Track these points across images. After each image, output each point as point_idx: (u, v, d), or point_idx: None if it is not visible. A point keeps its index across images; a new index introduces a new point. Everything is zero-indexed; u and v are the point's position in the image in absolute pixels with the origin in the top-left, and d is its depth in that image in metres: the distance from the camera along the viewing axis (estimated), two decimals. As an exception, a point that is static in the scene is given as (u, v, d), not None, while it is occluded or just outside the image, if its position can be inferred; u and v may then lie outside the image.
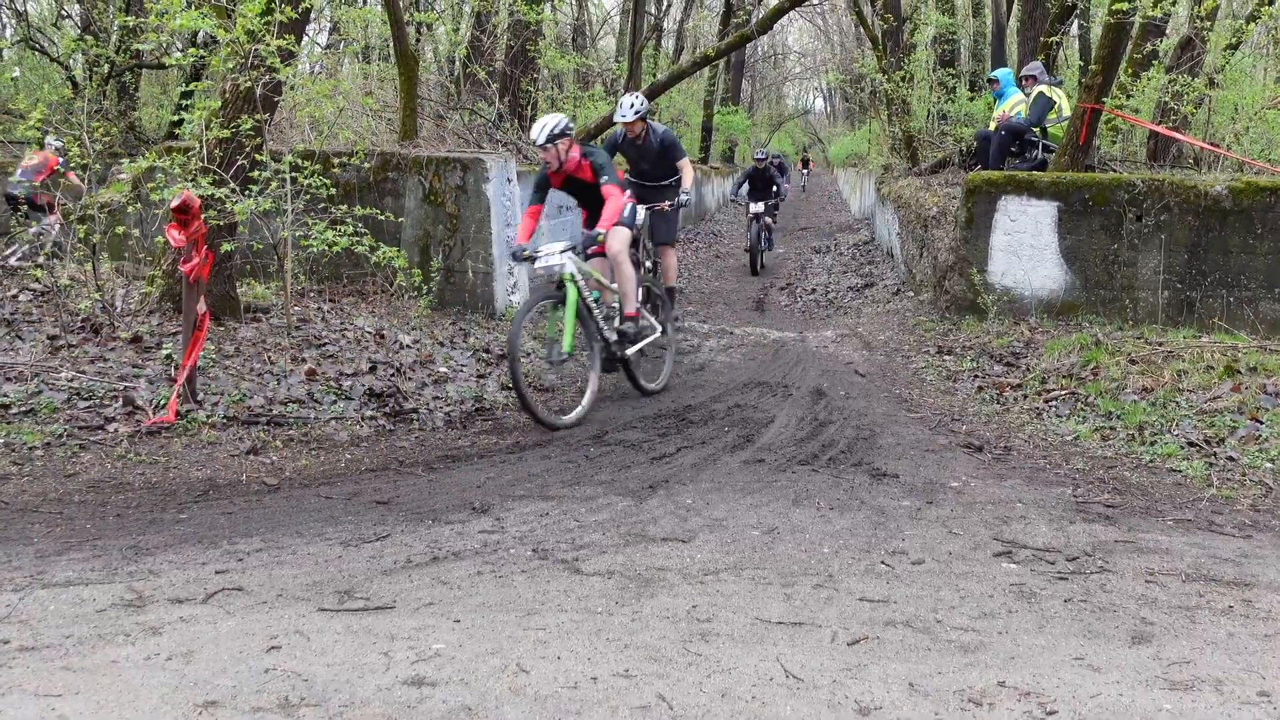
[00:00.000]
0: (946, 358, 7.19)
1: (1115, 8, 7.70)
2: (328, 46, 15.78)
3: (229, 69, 5.93)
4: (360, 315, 7.03)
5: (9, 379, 4.96)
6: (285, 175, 6.10)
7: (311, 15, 7.32)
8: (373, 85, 11.82)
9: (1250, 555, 3.54)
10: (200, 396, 5.08)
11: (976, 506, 4.10)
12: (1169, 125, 9.14)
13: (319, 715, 2.20)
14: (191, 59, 6.98)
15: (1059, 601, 3.05)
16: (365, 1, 18.53)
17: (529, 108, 12.62)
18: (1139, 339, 6.61)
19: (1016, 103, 9.63)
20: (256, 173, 5.97)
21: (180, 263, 5.04)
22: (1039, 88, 9.35)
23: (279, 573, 3.18)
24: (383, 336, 6.58)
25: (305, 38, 7.68)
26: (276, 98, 6.35)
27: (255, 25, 5.70)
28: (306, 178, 6.15)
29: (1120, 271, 7.55)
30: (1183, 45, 10.03)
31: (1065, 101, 9.40)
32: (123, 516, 3.79)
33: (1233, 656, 2.64)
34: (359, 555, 3.38)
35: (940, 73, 15.88)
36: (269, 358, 5.80)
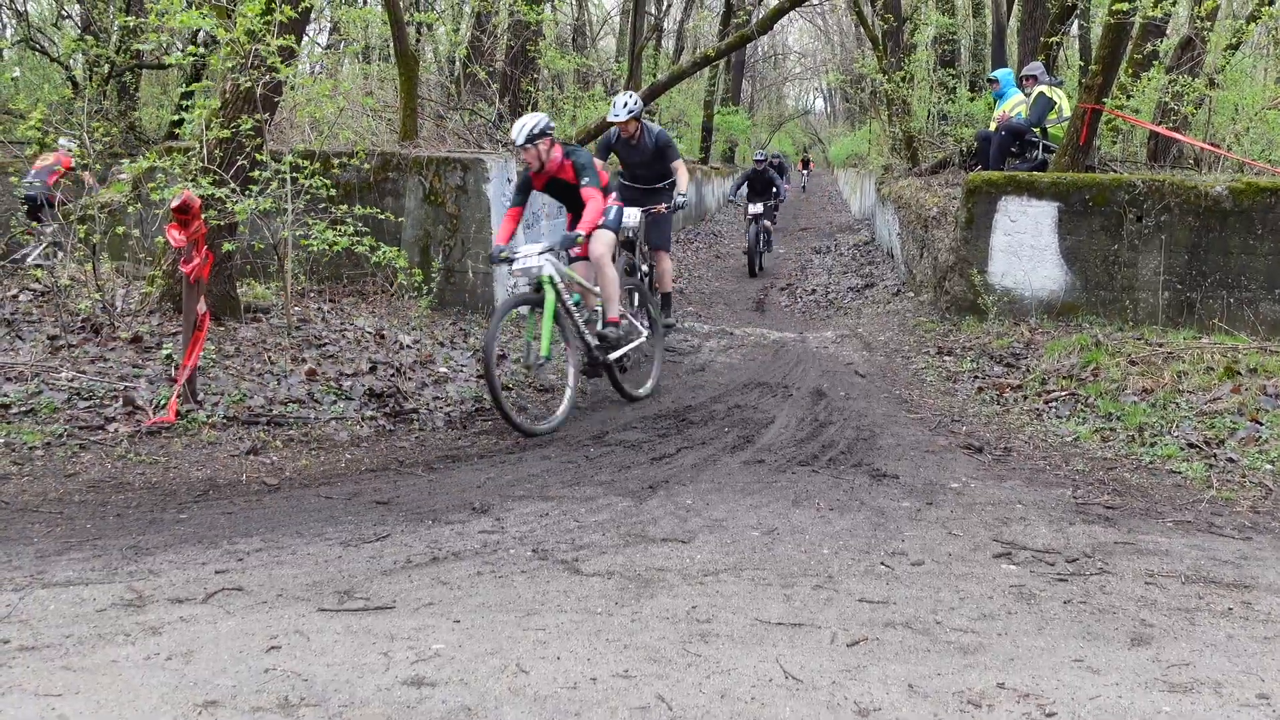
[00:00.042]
0: (946, 358, 7.19)
1: (1115, 8, 7.70)
2: (328, 46, 15.79)
3: (229, 69, 5.94)
4: (360, 315, 7.03)
5: (9, 379, 4.96)
6: (285, 175, 6.10)
7: (312, 15, 7.32)
8: (373, 85, 11.82)
9: (1250, 557, 3.54)
10: (200, 396, 5.09)
11: (976, 508, 4.10)
12: (1169, 126, 9.14)
13: (319, 715, 2.20)
14: (191, 59, 6.99)
15: (1058, 603, 3.05)
16: (365, 2, 18.54)
17: (529, 108, 12.62)
18: (1139, 340, 6.61)
19: (1017, 103, 9.63)
20: (257, 173, 5.97)
21: (180, 263, 5.04)
22: (1039, 88, 9.35)
23: (279, 573, 3.18)
24: (383, 337, 6.58)
25: (305, 38, 7.68)
26: (277, 98, 6.36)
27: (256, 25, 5.71)
28: (307, 178, 6.16)
29: (1120, 272, 7.55)
30: (1183, 45, 10.03)
31: (1065, 102, 9.40)
32: (123, 516, 3.79)
33: (1232, 659, 2.65)
34: (359, 555, 3.38)
35: (940, 73, 15.88)
36: (269, 358, 5.81)
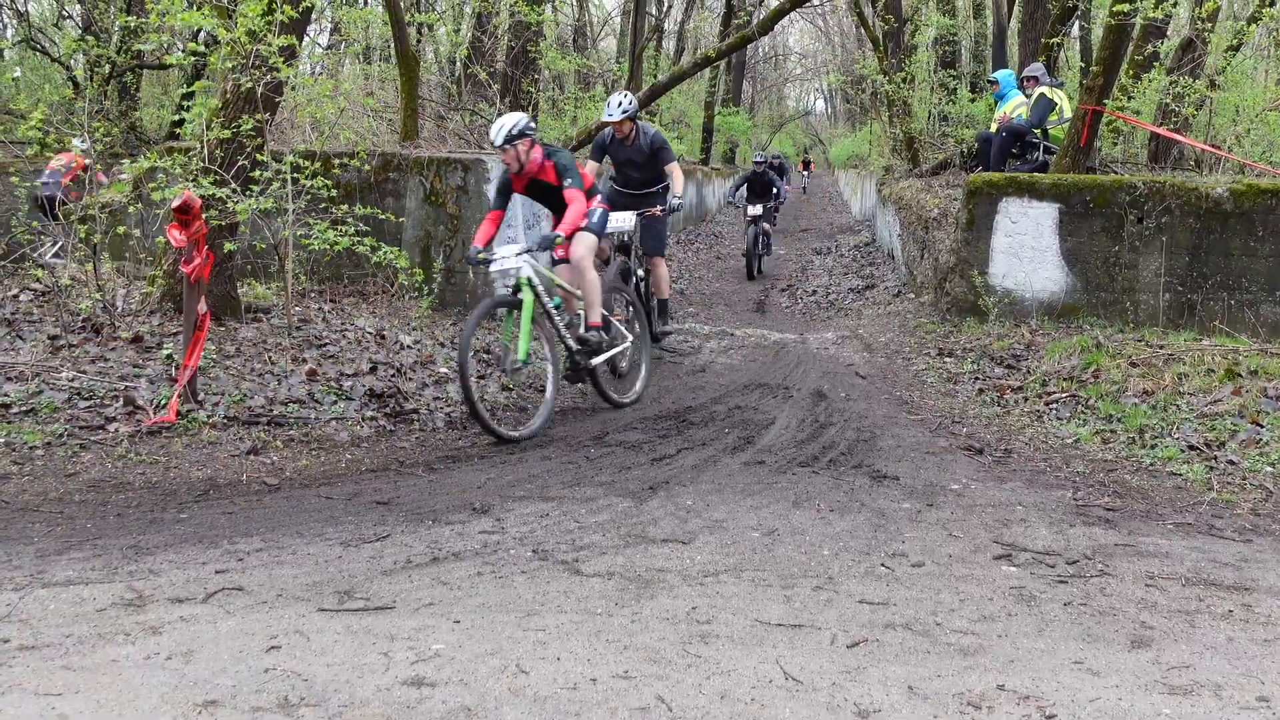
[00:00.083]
0: (947, 360, 7.19)
1: (1116, 9, 7.70)
2: (329, 47, 15.79)
3: (229, 69, 5.94)
4: (361, 316, 7.03)
5: (10, 379, 4.96)
6: (286, 175, 6.10)
7: (312, 15, 7.33)
8: (374, 86, 11.84)
9: (1250, 559, 3.54)
10: (201, 396, 5.09)
11: (977, 509, 4.10)
12: (1170, 127, 9.14)
13: (318, 715, 2.20)
14: (192, 59, 6.99)
15: (1059, 605, 3.05)
16: (366, 2, 18.55)
17: (530, 108, 12.63)
18: (1140, 342, 6.61)
19: (1017, 104, 9.63)
20: (257, 173, 5.97)
21: (181, 263, 5.04)
22: (1040, 89, 9.35)
23: (279, 573, 3.18)
24: (383, 337, 6.58)
25: (306, 38, 7.68)
26: (278, 98, 6.36)
27: (257, 25, 5.71)
28: (308, 178, 6.16)
29: (1121, 274, 7.55)
30: (1184, 47, 10.04)
31: (1066, 103, 9.40)
32: (123, 516, 3.79)
33: (1232, 661, 2.64)
34: (359, 555, 3.38)
35: (941, 74, 15.88)
36: (270, 358, 5.81)
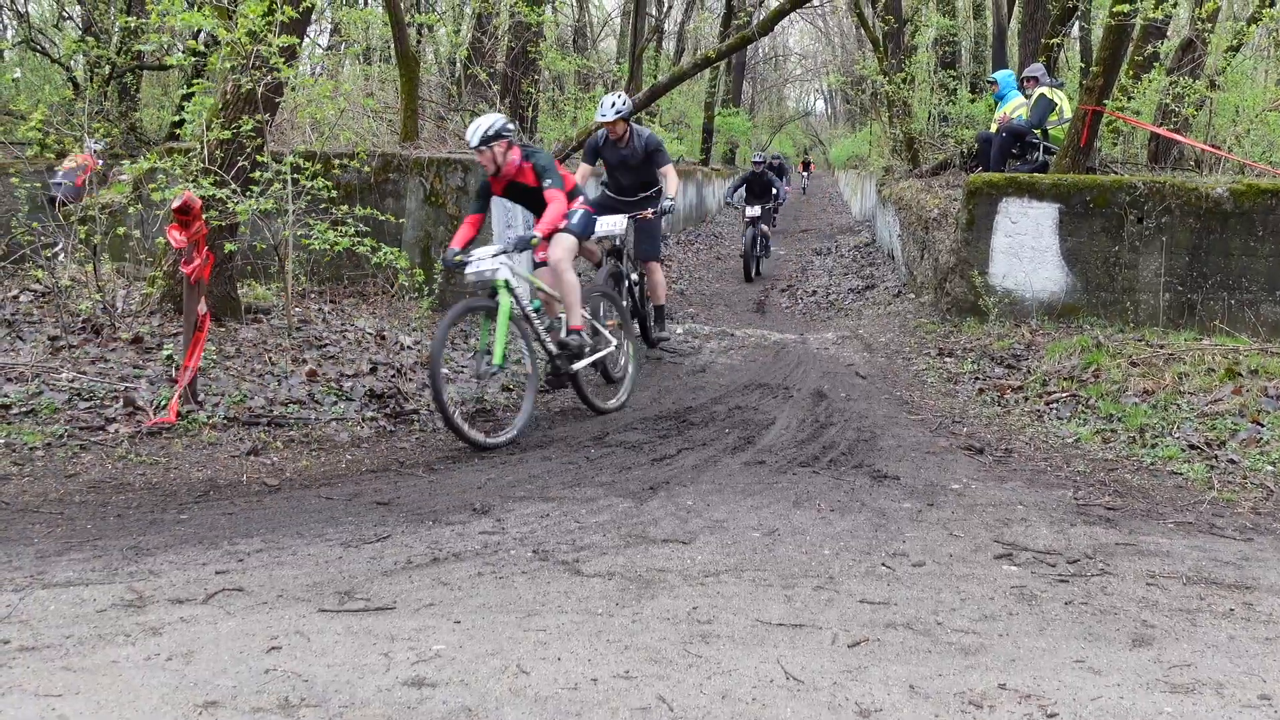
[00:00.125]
0: (947, 360, 7.19)
1: (1116, 10, 7.70)
2: (329, 48, 15.79)
3: (229, 69, 5.94)
4: (361, 316, 7.03)
5: (10, 379, 4.96)
6: (286, 176, 6.11)
7: (313, 16, 7.33)
8: (374, 86, 11.84)
9: (1251, 558, 3.54)
10: (201, 397, 5.09)
11: (977, 509, 4.10)
12: (1170, 127, 9.14)
13: (319, 716, 2.20)
14: (191, 59, 6.99)
15: (1060, 604, 3.04)
16: (366, 3, 18.56)
17: (530, 109, 12.64)
18: (1140, 341, 6.61)
19: (1017, 105, 9.63)
20: (258, 173, 5.97)
21: (181, 263, 5.04)
22: (1040, 89, 9.35)
23: (279, 573, 3.18)
24: (384, 337, 6.58)
25: (306, 39, 7.68)
26: (278, 98, 6.36)
27: (257, 26, 5.71)
28: (308, 179, 6.16)
29: (1121, 274, 7.55)
30: (1184, 47, 10.04)
31: (1066, 103, 9.40)
32: (123, 517, 3.79)
33: (1234, 660, 2.64)
34: (359, 556, 3.38)
35: (941, 74, 15.88)
36: (270, 359, 5.81)
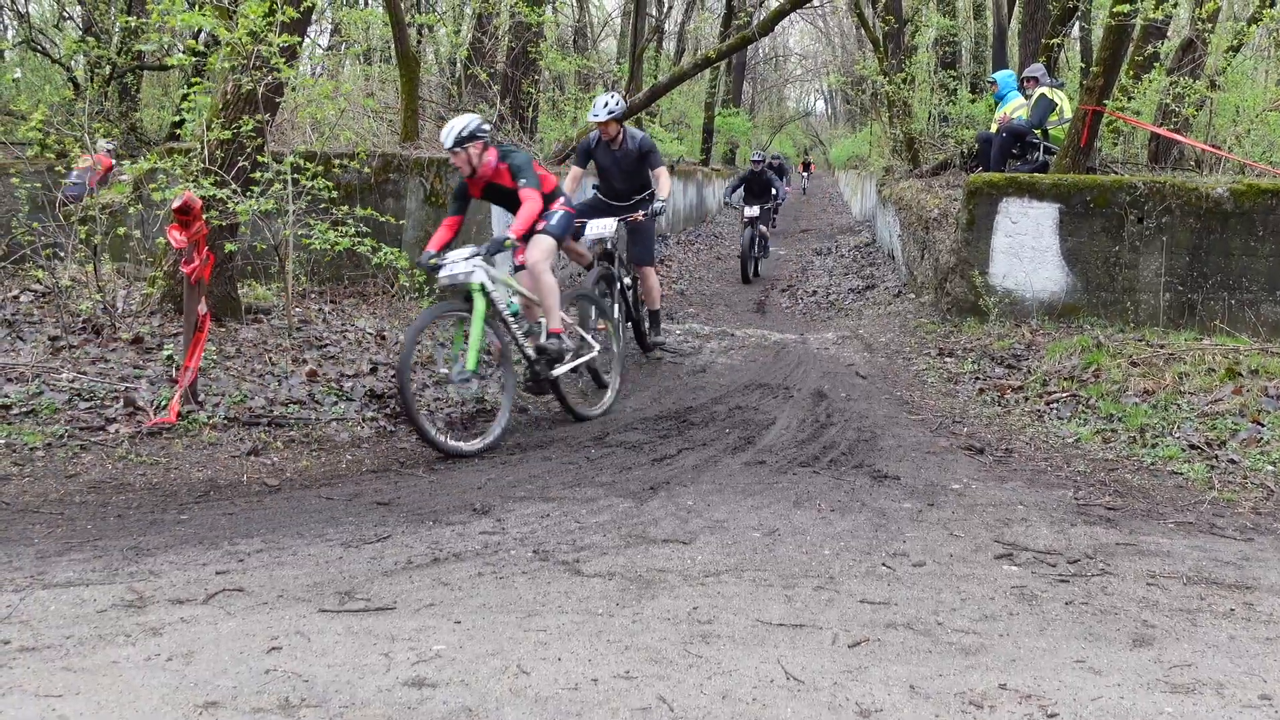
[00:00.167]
0: (948, 360, 7.19)
1: (1116, 10, 7.70)
2: (329, 48, 15.80)
3: (229, 69, 5.94)
4: (361, 316, 7.03)
5: (10, 380, 4.96)
6: (287, 176, 6.11)
7: (313, 16, 7.33)
8: (374, 87, 11.85)
9: (1252, 558, 3.54)
10: (201, 397, 5.09)
11: (978, 509, 4.10)
12: (1170, 127, 9.14)
13: (319, 716, 2.20)
14: (192, 59, 6.99)
15: (1060, 604, 3.04)
16: (367, 3, 18.56)
17: (530, 109, 12.64)
18: (1140, 341, 6.61)
19: (1017, 105, 9.63)
20: (258, 174, 5.97)
21: (181, 264, 5.04)
22: (1041, 89, 9.35)
23: (280, 573, 3.18)
24: (384, 337, 6.58)
25: (306, 39, 7.68)
26: (278, 99, 6.36)
27: (258, 26, 5.71)
28: (308, 179, 6.16)
29: (1121, 274, 7.55)
30: (1184, 47, 10.04)
31: (1067, 103, 9.40)
32: (124, 517, 3.79)
33: (1234, 660, 2.64)
34: (360, 556, 3.38)
35: (941, 75, 15.87)
36: (270, 359, 5.81)
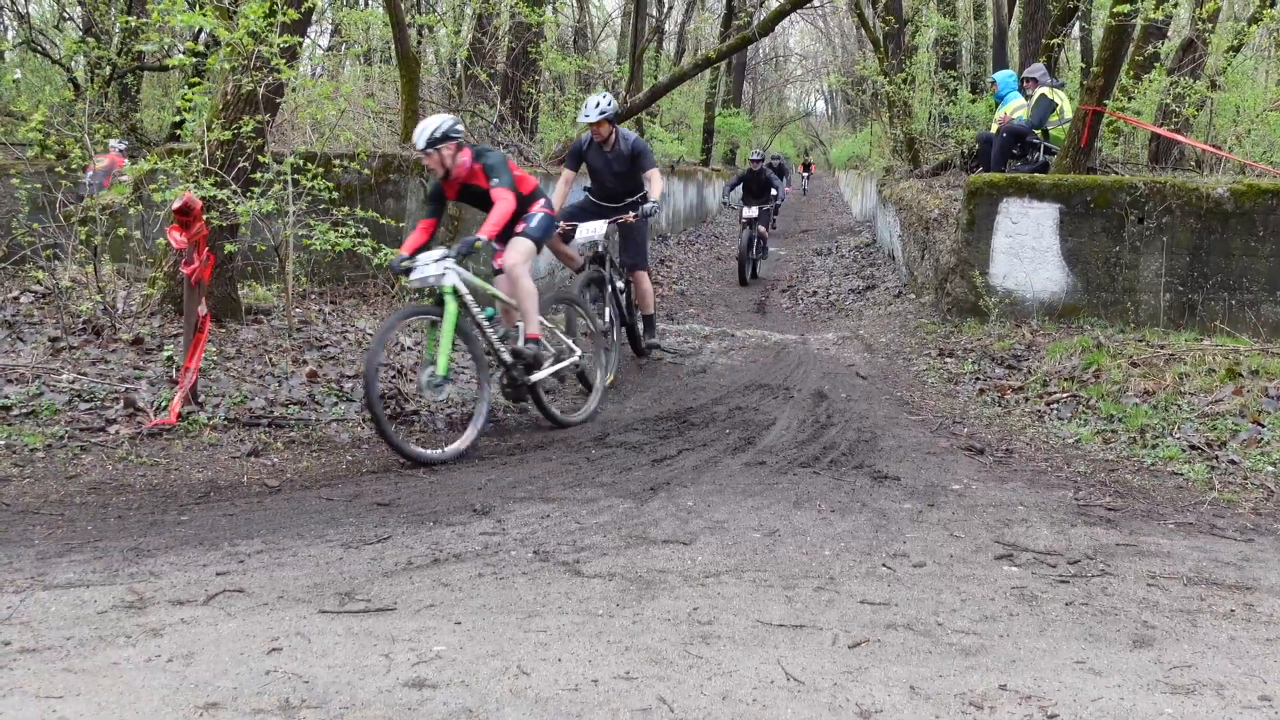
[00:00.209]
0: (948, 360, 7.18)
1: (1117, 10, 7.70)
2: (329, 49, 15.80)
3: (229, 69, 5.94)
4: (362, 317, 7.03)
5: (10, 381, 4.96)
6: (287, 177, 6.11)
7: (313, 16, 7.33)
8: (374, 87, 11.84)
9: (1252, 559, 3.54)
10: (201, 398, 5.09)
11: (978, 509, 4.10)
12: (1171, 127, 9.14)
13: (319, 717, 2.20)
14: (192, 59, 6.99)
15: (1060, 605, 3.04)
16: (367, 4, 18.57)
17: (530, 110, 12.64)
18: (1141, 342, 6.61)
19: (1017, 105, 9.63)
20: (258, 174, 5.97)
21: (182, 264, 5.04)
22: (1041, 89, 9.35)
23: (280, 574, 3.18)
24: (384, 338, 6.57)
25: (307, 39, 7.69)
26: (278, 99, 6.36)
27: (258, 26, 5.71)
28: (308, 180, 6.16)
29: (1122, 274, 7.54)
30: (1184, 47, 10.03)
31: (1067, 103, 9.39)
32: (124, 518, 3.79)
33: (1234, 660, 2.64)
34: (360, 557, 3.38)
35: (942, 75, 15.87)
36: (270, 359, 5.81)
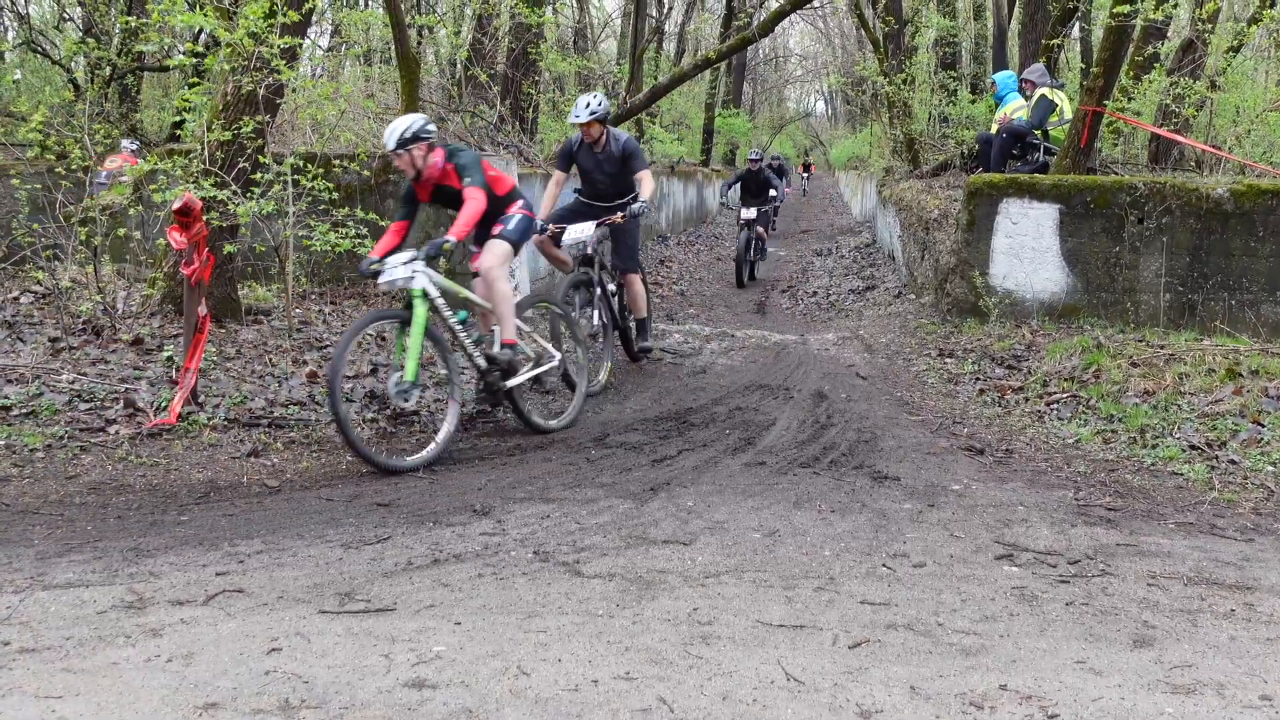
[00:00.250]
0: (948, 360, 7.18)
1: (1116, 10, 7.70)
2: (329, 49, 15.80)
3: (229, 70, 5.94)
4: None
5: (10, 381, 4.96)
6: (287, 177, 6.11)
7: (313, 17, 7.33)
8: (374, 88, 11.83)
9: (1252, 559, 3.54)
10: (201, 399, 5.09)
11: (978, 509, 4.09)
12: (1170, 128, 9.14)
13: (319, 717, 2.20)
14: (193, 60, 6.99)
15: (1060, 605, 3.04)
16: (367, 4, 18.57)
17: (530, 110, 12.64)
18: (1141, 342, 6.61)
19: (1017, 106, 9.63)
20: (258, 175, 5.97)
21: (182, 265, 5.05)
22: (1041, 90, 9.35)
23: (280, 575, 3.18)
24: (384, 338, 6.58)
25: (307, 40, 7.68)
26: (278, 100, 6.36)
27: (258, 27, 5.71)
28: (309, 180, 6.16)
29: (1122, 274, 7.54)
30: (1184, 48, 10.03)
31: (1067, 104, 9.40)
32: (124, 518, 3.79)
33: (1234, 660, 2.64)
34: (360, 557, 3.38)
35: (941, 75, 15.87)
36: (270, 360, 5.81)
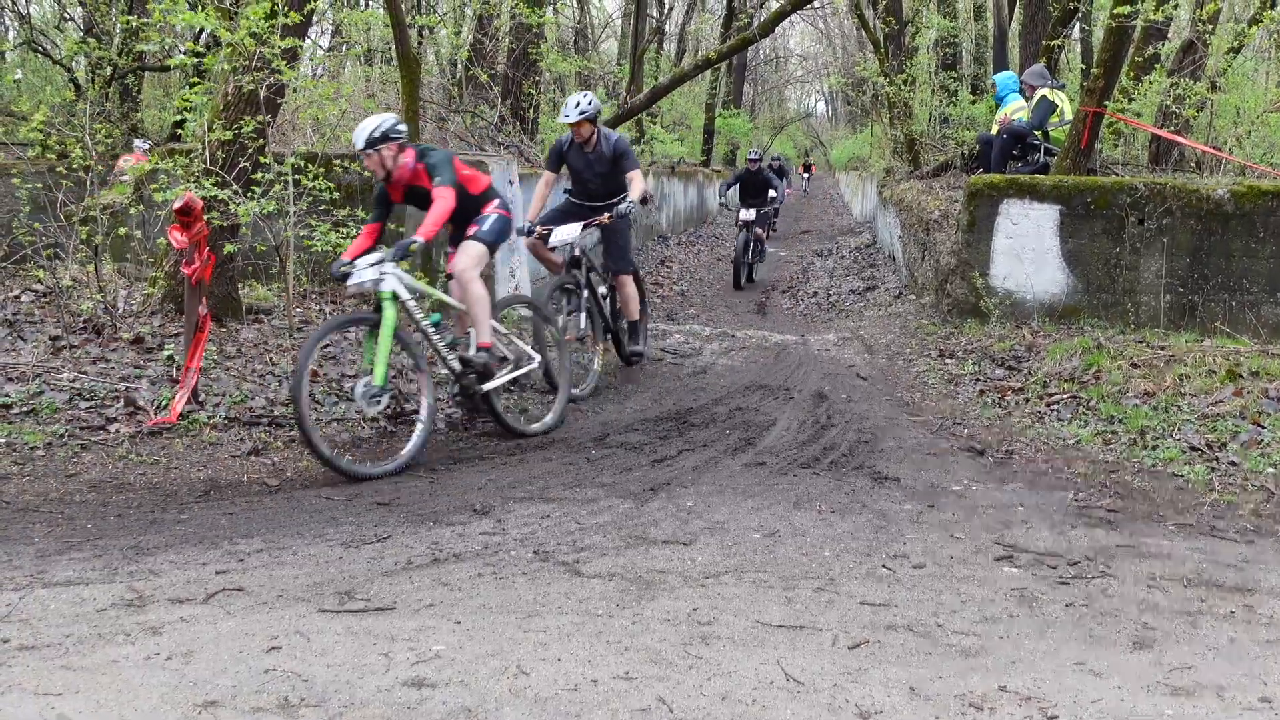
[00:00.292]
0: (948, 361, 7.18)
1: (1117, 11, 7.70)
2: (330, 49, 15.81)
3: (230, 70, 5.94)
4: (362, 317, 7.02)
5: (11, 379, 4.97)
6: (288, 177, 6.11)
7: (314, 17, 7.33)
8: (375, 88, 11.83)
9: (1252, 560, 3.54)
10: (202, 397, 5.09)
11: (978, 510, 4.10)
12: (1171, 129, 9.14)
13: (319, 716, 2.20)
14: (194, 59, 6.99)
15: (1060, 606, 3.04)
16: (367, 5, 18.58)
17: (531, 110, 12.64)
18: (1141, 343, 6.60)
19: (1017, 107, 9.63)
20: (259, 175, 5.97)
21: (182, 264, 5.05)
22: (1041, 91, 9.35)
23: (279, 573, 3.18)
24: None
25: (308, 40, 7.68)
26: (279, 100, 6.36)
27: (260, 28, 5.71)
28: (310, 180, 6.16)
29: (1122, 275, 7.54)
30: (1185, 49, 10.03)
31: (1067, 105, 9.40)
32: (124, 516, 3.79)
33: (1234, 662, 2.64)
34: (360, 556, 3.38)
35: (942, 76, 15.86)
36: (270, 359, 5.81)
